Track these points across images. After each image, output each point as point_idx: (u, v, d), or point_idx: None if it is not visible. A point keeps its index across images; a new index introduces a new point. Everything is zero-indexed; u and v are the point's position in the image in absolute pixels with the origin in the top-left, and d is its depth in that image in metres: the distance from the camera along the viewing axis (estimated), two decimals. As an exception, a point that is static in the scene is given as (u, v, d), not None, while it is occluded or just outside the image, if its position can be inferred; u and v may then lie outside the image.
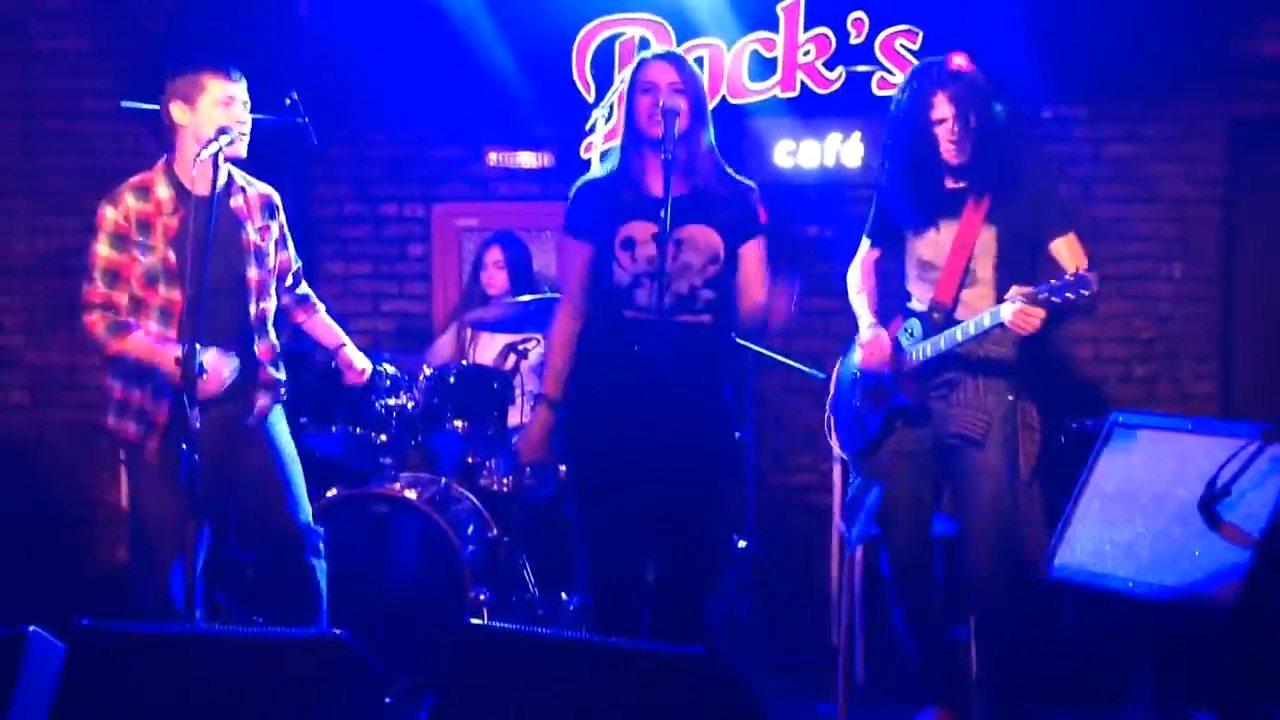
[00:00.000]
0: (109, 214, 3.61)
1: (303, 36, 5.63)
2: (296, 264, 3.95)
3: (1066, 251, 3.63)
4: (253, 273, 3.67)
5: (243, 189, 3.71)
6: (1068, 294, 3.32)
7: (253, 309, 3.69)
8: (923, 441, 3.69)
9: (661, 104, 3.43)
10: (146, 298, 3.62)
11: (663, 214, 3.32)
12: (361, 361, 4.02)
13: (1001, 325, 3.42)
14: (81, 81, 5.83)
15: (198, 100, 3.58)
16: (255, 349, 3.70)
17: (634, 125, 3.53)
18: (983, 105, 3.58)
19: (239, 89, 3.62)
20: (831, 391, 4.14)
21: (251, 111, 3.69)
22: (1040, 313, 3.36)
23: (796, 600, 5.17)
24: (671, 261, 3.45)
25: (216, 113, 3.55)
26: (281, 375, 3.82)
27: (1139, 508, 3.71)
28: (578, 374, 3.62)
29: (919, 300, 3.72)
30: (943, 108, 3.57)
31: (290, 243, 3.88)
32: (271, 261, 3.75)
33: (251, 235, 3.68)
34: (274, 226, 3.78)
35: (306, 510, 3.82)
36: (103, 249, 3.60)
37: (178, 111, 3.60)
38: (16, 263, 5.88)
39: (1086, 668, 3.92)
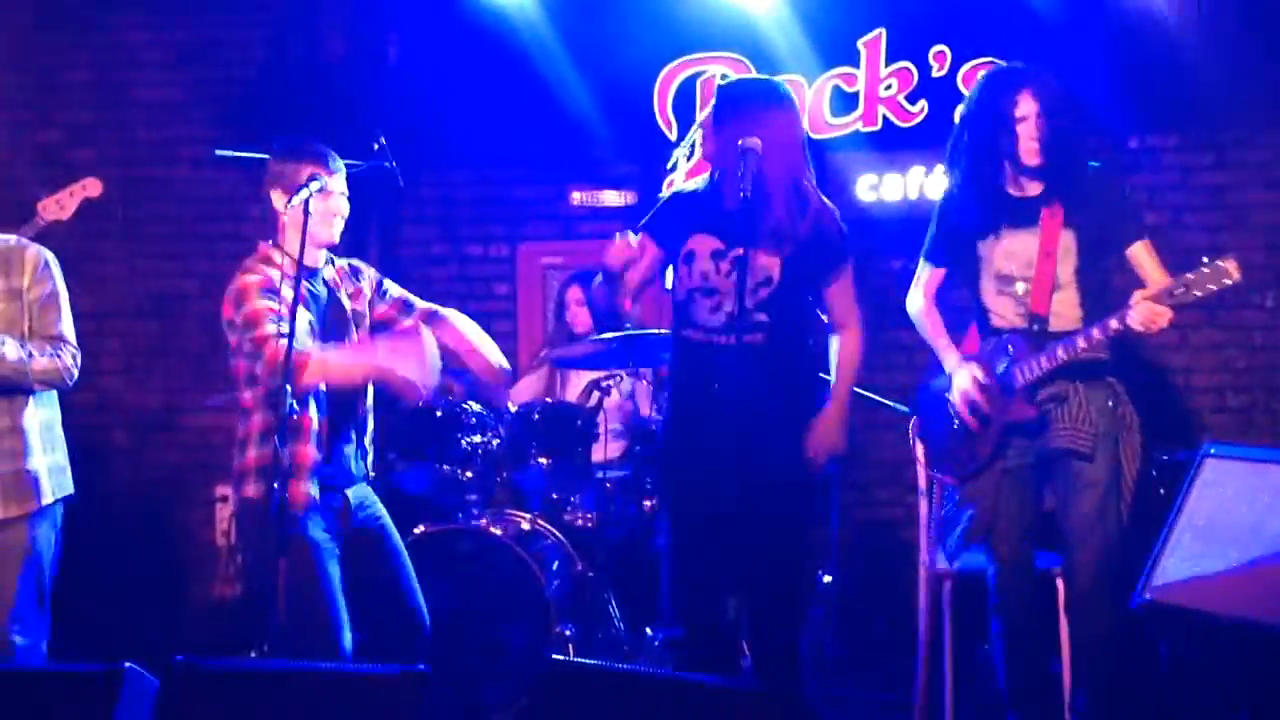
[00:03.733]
0: (249, 279, 3.55)
1: (390, 82, 5.75)
2: (408, 297, 3.90)
3: (1145, 257, 3.55)
4: (356, 337, 3.72)
5: (331, 262, 3.78)
6: (1210, 286, 3.23)
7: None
8: (1026, 456, 3.62)
9: (741, 143, 3.43)
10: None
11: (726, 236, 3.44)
12: (497, 358, 3.85)
13: (1127, 330, 3.34)
14: (176, 130, 6.00)
15: (296, 191, 3.52)
16: (367, 425, 3.76)
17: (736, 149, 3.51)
18: (1066, 106, 3.54)
19: (337, 181, 3.62)
20: (916, 419, 4.07)
21: (341, 157, 3.74)
22: (1167, 311, 3.28)
23: (882, 636, 5.12)
24: (725, 279, 3.48)
25: (316, 204, 3.51)
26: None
27: (1232, 540, 3.64)
28: (668, 403, 3.73)
29: (1001, 316, 3.64)
30: (1026, 105, 3.51)
31: (387, 287, 3.87)
32: (369, 320, 3.79)
33: (346, 302, 3.73)
34: (363, 287, 3.80)
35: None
36: (258, 303, 3.50)
37: (276, 198, 3.59)
38: (114, 306, 6.04)
39: (1180, 703, 3.83)
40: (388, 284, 3.89)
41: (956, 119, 5.21)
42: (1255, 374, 5.45)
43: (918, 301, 3.87)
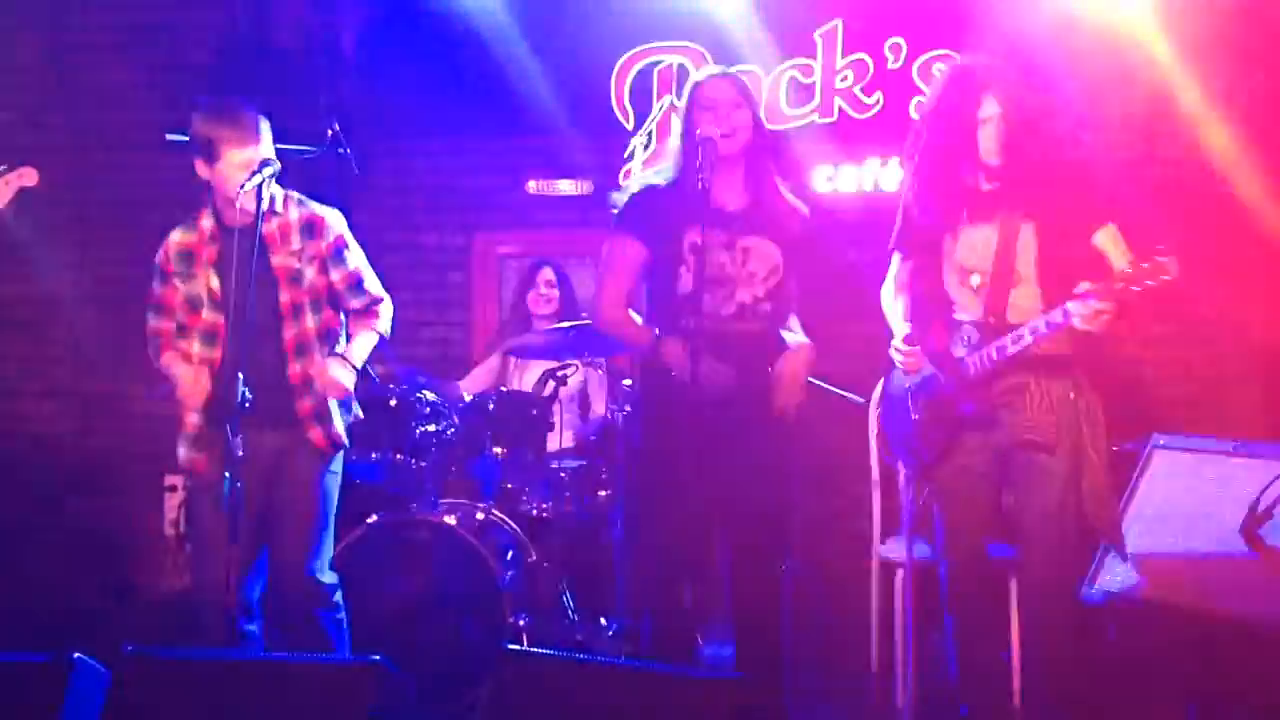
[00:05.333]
0: (158, 254, 3.80)
1: (345, 69, 5.70)
2: (363, 283, 3.89)
3: (1110, 244, 3.51)
4: (284, 295, 3.72)
5: (277, 213, 3.74)
6: (1147, 281, 3.19)
7: (287, 332, 3.72)
8: (984, 450, 3.60)
9: (699, 132, 3.46)
10: (190, 322, 3.73)
11: (703, 226, 3.43)
12: (335, 374, 3.75)
13: (1070, 322, 3.33)
14: (127, 114, 5.92)
15: (215, 165, 3.64)
16: (287, 372, 3.72)
17: (691, 137, 3.56)
18: (1027, 104, 3.53)
19: (255, 151, 3.62)
20: (878, 407, 4.09)
21: (295, 143, 3.74)
22: (1108, 306, 3.26)
23: (834, 625, 5.14)
24: (740, 268, 3.54)
25: (237, 175, 3.58)
26: (324, 400, 3.78)
27: (1181, 530, 3.69)
28: (643, 387, 3.73)
29: (963, 308, 3.65)
30: (990, 106, 3.51)
31: (348, 259, 3.84)
32: (308, 282, 3.77)
33: (282, 260, 3.72)
34: (316, 247, 3.78)
35: (321, 561, 3.79)
36: (153, 286, 3.81)
37: (199, 166, 3.68)
38: (63, 292, 5.96)
39: (1129, 692, 3.88)
40: (350, 254, 3.85)
41: (915, 112, 5.34)
42: (1203, 366, 5.51)
43: (889, 292, 3.87)
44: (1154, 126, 5.55)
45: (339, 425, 3.81)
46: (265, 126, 3.69)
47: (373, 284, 3.91)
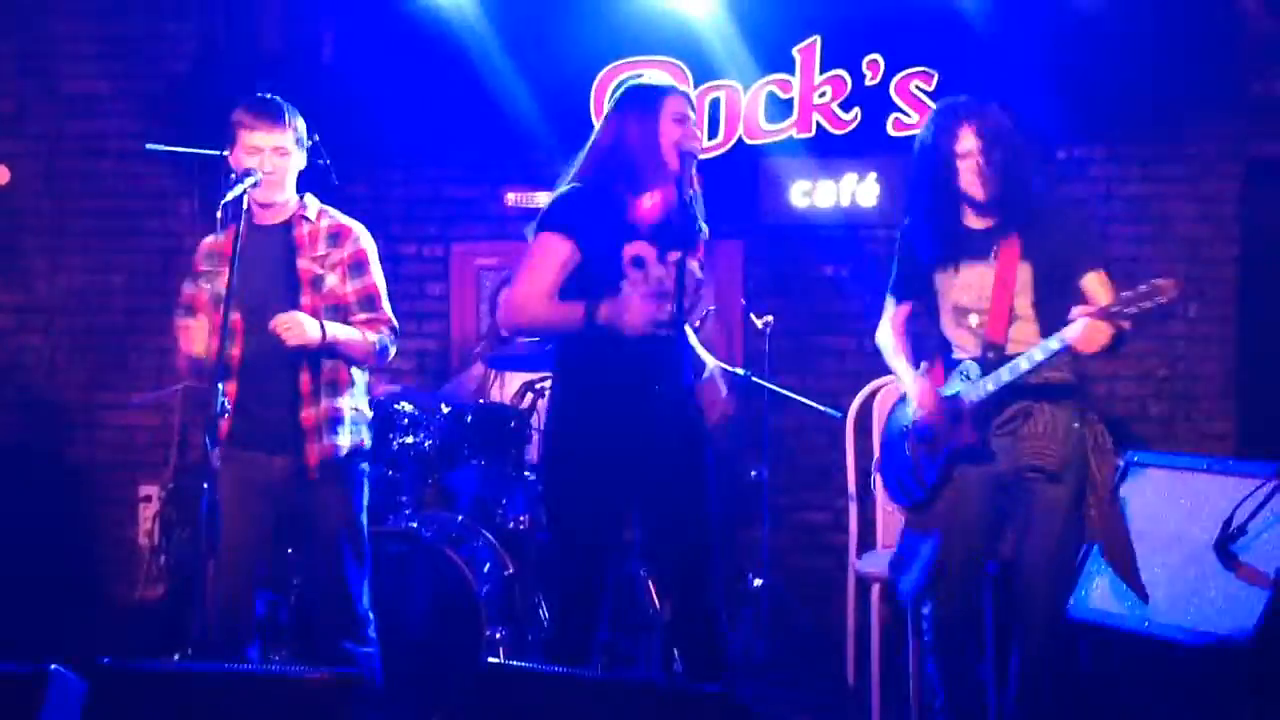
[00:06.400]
0: (198, 249, 3.82)
1: (324, 78, 5.70)
2: (374, 295, 3.85)
3: (1099, 287, 3.52)
4: (305, 300, 3.69)
5: (307, 219, 3.76)
6: (1144, 303, 3.23)
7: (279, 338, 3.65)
8: (984, 483, 3.57)
9: (685, 146, 3.45)
10: (214, 320, 3.63)
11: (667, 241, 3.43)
12: (298, 316, 3.65)
13: (1068, 348, 3.34)
14: (103, 123, 5.90)
15: (238, 149, 3.67)
16: (299, 379, 3.68)
17: (655, 148, 3.48)
18: (1008, 140, 3.54)
19: (267, 139, 3.65)
20: (878, 453, 4.07)
21: None
22: (1107, 328, 3.28)
23: (812, 639, 5.16)
24: (671, 282, 3.42)
25: (250, 161, 3.63)
26: (331, 410, 3.71)
27: (1155, 548, 3.71)
28: (574, 391, 3.57)
29: (961, 347, 3.64)
30: (968, 140, 3.52)
31: (368, 273, 3.82)
32: (328, 287, 3.74)
33: (306, 264, 3.71)
34: (338, 255, 3.76)
35: (364, 593, 3.77)
36: (185, 284, 3.78)
37: (231, 156, 3.72)
38: (38, 301, 5.94)
39: (1103, 707, 3.90)
40: (370, 270, 3.83)
41: (889, 129, 5.38)
42: (1177, 383, 5.56)
43: (886, 334, 3.85)
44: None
45: (344, 439, 3.72)
46: (291, 120, 3.70)
47: (386, 306, 3.85)
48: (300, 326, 3.58)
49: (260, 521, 3.66)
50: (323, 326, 3.65)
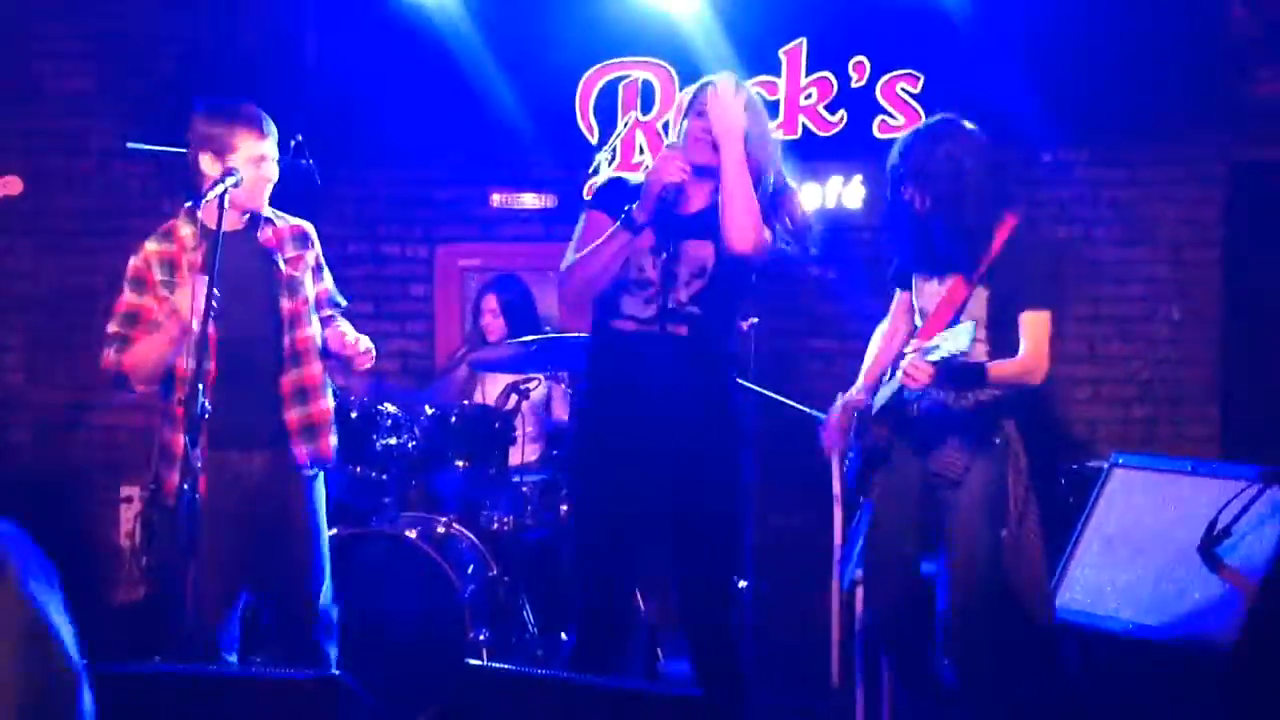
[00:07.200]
0: (131, 262, 3.63)
1: (308, 78, 5.68)
2: (335, 294, 3.85)
3: (1028, 328, 3.50)
4: (285, 303, 3.62)
5: (270, 221, 3.69)
6: (950, 348, 3.24)
7: (285, 340, 3.62)
8: (908, 483, 3.66)
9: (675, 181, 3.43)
10: (180, 330, 3.52)
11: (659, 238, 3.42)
12: (353, 336, 3.73)
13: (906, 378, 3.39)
14: (85, 122, 5.87)
15: (228, 156, 3.52)
16: (280, 381, 3.62)
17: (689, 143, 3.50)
18: (947, 188, 3.51)
19: (270, 146, 3.57)
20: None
21: None
22: (927, 369, 3.31)
23: (797, 642, 5.15)
24: (659, 272, 3.45)
25: (248, 171, 3.51)
26: (316, 413, 3.67)
27: (1139, 550, 3.72)
28: (582, 391, 3.67)
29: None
30: (913, 197, 3.56)
31: (327, 273, 3.81)
32: (305, 292, 3.69)
33: (283, 266, 3.66)
34: (308, 256, 3.72)
35: (325, 589, 3.72)
36: (126, 295, 3.61)
37: (206, 162, 3.54)
38: (18, 300, 5.90)
39: (1088, 710, 3.90)
40: (326, 271, 3.82)
41: (875, 131, 5.38)
42: (1161, 386, 5.57)
43: (875, 336, 3.93)
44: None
45: (329, 440, 3.69)
46: (263, 125, 3.59)
47: (339, 295, 3.87)
48: (371, 351, 3.67)
49: (241, 522, 3.59)
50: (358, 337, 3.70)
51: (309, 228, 3.79)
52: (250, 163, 3.53)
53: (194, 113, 3.60)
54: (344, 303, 3.87)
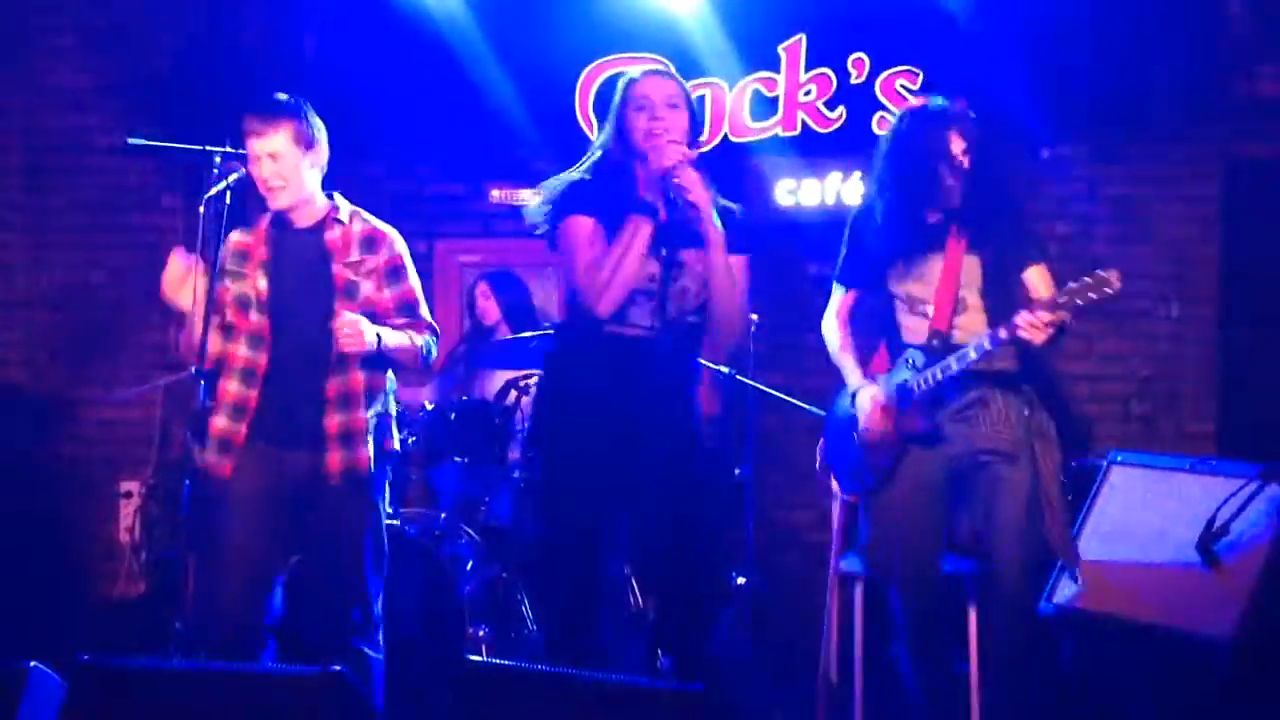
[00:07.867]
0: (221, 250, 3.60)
1: (306, 73, 5.67)
2: (413, 303, 3.75)
3: (1039, 280, 3.59)
4: (338, 308, 3.57)
5: (341, 222, 3.68)
6: (1089, 295, 3.29)
7: (335, 344, 3.56)
8: (936, 469, 3.61)
9: (651, 138, 3.41)
10: (238, 323, 3.59)
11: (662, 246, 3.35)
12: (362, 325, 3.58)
13: (1014, 338, 3.38)
14: (86, 118, 5.87)
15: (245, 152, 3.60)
16: (325, 384, 3.58)
17: (627, 141, 3.46)
18: (984, 146, 3.61)
19: (260, 145, 3.56)
20: (823, 439, 4.10)
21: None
22: (1049, 317, 3.32)
23: (795, 637, 5.15)
24: (673, 284, 3.40)
25: (253, 168, 3.56)
26: (354, 421, 3.60)
27: (1137, 546, 3.73)
28: (559, 390, 3.55)
29: (911, 332, 3.67)
30: (955, 144, 3.58)
31: (406, 278, 3.73)
32: (363, 294, 3.64)
33: (340, 270, 3.63)
34: (373, 261, 3.67)
35: (380, 598, 3.68)
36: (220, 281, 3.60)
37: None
38: (17, 296, 5.90)
39: (1085, 705, 3.91)
40: (407, 275, 3.74)
41: (877, 128, 5.38)
42: (1160, 383, 5.56)
43: (831, 328, 3.88)
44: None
45: (368, 449, 3.61)
46: (285, 120, 3.58)
47: (425, 309, 3.77)
48: (360, 335, 3.50)
49: (275, 520, 3.56)
50: (378, 334, 3.57)
51: (388, 232, 3.74)
52: (253, 160, 3.56)
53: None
54: (426, 315, 3.76)
